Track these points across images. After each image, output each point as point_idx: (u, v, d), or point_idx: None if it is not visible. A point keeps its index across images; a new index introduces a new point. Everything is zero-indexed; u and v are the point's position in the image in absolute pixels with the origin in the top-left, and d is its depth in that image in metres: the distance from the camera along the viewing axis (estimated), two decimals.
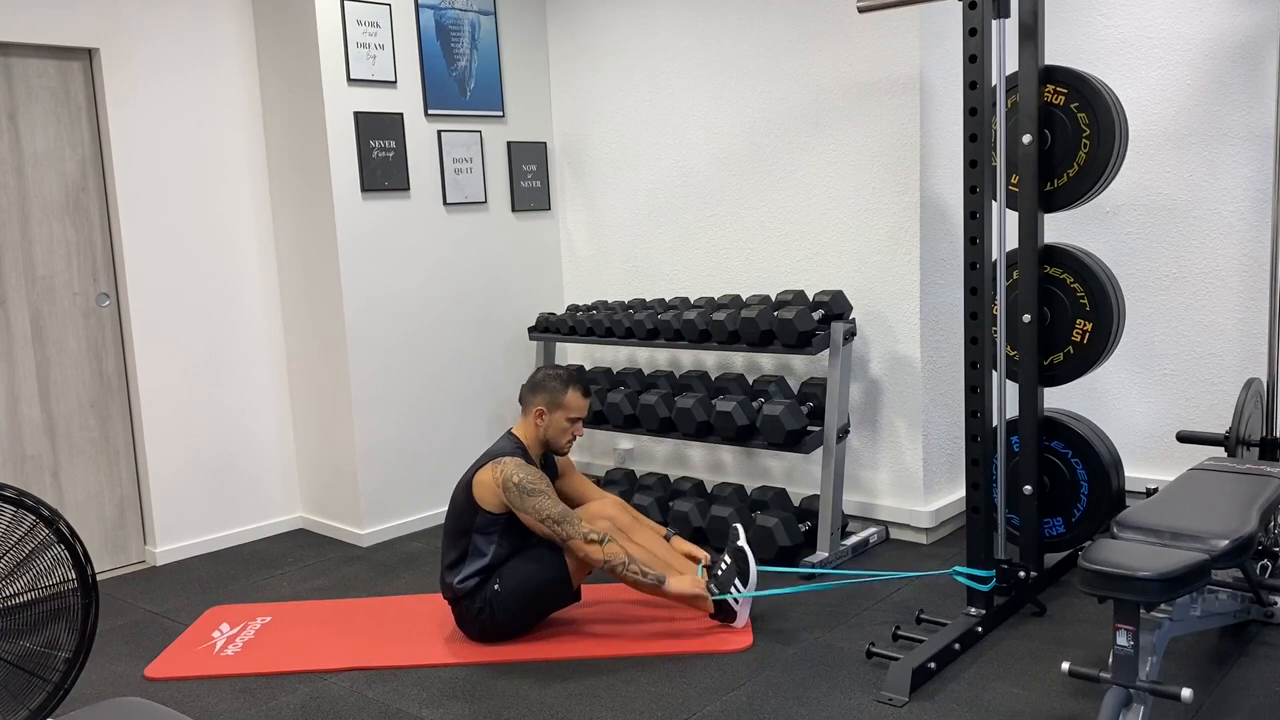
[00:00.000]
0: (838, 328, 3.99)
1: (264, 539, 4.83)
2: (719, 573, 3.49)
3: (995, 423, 3.44)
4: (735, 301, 4.40)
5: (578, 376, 3.58)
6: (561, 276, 5.42)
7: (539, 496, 3.35)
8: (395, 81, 4.62)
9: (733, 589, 3.45)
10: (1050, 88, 3.47)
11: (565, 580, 3.44)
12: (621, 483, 4.78)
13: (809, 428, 4.06)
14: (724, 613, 3.47)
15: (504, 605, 3.40)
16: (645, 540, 3.60)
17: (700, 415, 4.27)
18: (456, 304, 4.94)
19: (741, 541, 3.51)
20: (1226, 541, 2.51)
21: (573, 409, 3.55)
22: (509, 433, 3.60)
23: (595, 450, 5.45)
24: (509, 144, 5.09)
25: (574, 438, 3.60)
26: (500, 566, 3.44)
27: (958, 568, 3.41)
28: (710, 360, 4.87)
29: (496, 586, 3.40)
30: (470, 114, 4.92)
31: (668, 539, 3.68)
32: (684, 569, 3.55)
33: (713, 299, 4.49)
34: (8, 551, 2.72)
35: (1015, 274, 3.51)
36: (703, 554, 3.64)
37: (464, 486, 3.46)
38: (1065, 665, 2.62)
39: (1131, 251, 4.36)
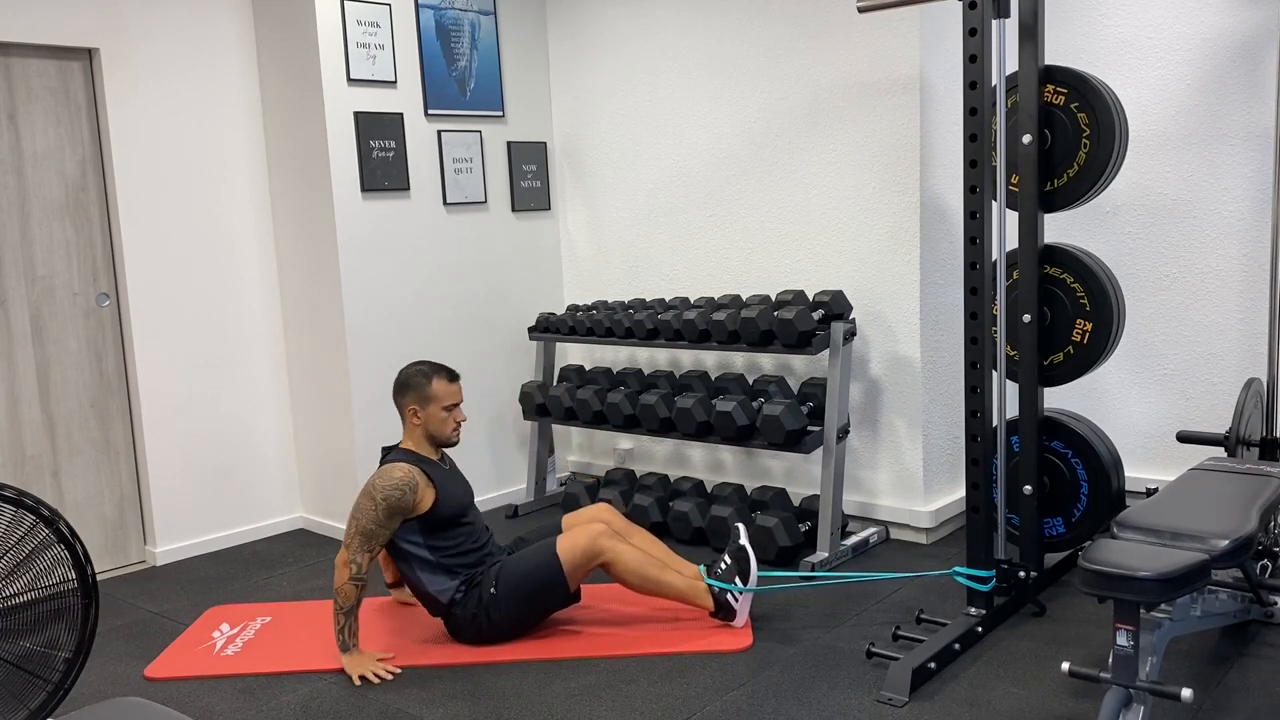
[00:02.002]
0: (838, 328, 3.99)
1: (264, 539, 4.83)
2: (719, 571, 3.49)
3: (995, 423, 3.44)
4: (735, 301, 4.40)
5: (439, 365, 3.57)
6: (561, 276, 5.42)
7: (370, 507, 3.30)
8: (395, 81, 4.62)
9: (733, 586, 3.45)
10: (1050, 88, 3.47)
11: (563, 583, 3.43)
12: (621, 483, 4.78)
13: (809, 428, 4.06)
14: (724, 611, 3.47)
15: (501, 609, 3.39)
16: (642, 543, 3.60)
17: (700, 415, 4.27)
18: (457, 304, 4.94)
19: (743, 540, 3.51)
20: (1226, 541, 2.51)
21: (444, 397, 3.52)
22: (397, 448, 3.54)
23: (595, 450, 5.45)
24: (509, 144, 5.09)
25: (458, 424, 3.56)
26: (455, 562, 3.43)
27: (958, 568, 3.41)
28: (710, 360, 4.87)
29: (493, 590, 3.39)
30: (470, 114, 4.92)
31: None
32: (682, 569, 3.55)
33: (713, 299, 4.49)
34: (8, 551, 2.72)
35: (1015, 274, 3.51)
36: None
37: None
38: (1065, 665, 2.62)
39: (1131, 251, 4.36)
